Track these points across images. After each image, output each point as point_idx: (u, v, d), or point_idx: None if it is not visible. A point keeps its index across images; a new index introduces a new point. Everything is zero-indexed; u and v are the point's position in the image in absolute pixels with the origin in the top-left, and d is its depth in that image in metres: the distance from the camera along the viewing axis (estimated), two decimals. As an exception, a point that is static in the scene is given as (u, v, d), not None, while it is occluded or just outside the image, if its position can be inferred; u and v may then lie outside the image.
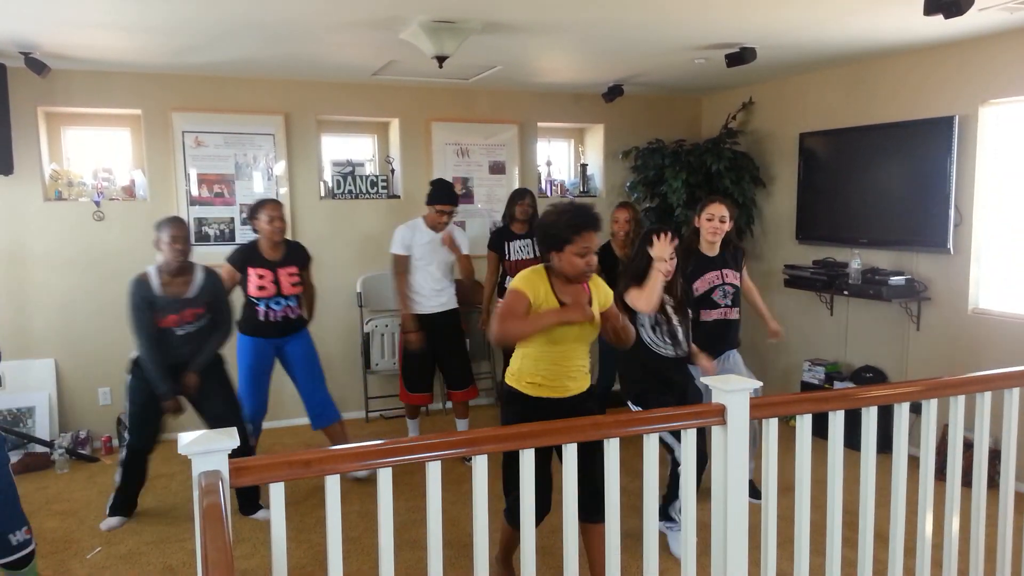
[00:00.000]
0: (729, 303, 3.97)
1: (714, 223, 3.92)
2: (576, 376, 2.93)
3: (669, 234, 3.43)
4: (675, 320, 3.61)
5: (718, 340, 3.95)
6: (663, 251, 3.38)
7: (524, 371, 2.91)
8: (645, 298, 3.38)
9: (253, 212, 4.20)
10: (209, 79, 5.20)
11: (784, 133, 5.71)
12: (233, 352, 4.23)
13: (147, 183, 5.18)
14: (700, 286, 3.94)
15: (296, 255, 4.32)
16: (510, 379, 2.97)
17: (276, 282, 4.19)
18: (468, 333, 5.31)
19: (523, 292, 2.80)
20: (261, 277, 4.16)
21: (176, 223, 3.75)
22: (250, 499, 3.85)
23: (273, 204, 4.19)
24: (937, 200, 4.53)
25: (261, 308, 4.20)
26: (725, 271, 3.97)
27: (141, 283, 3.70)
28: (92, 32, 3.92)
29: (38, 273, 4.94)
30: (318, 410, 4.41)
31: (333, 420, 4.44)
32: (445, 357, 4.84)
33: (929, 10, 3.34)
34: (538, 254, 5.08)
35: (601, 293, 2.95)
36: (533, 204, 5.13)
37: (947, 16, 3.32)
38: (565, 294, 2.85)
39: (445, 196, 4.67)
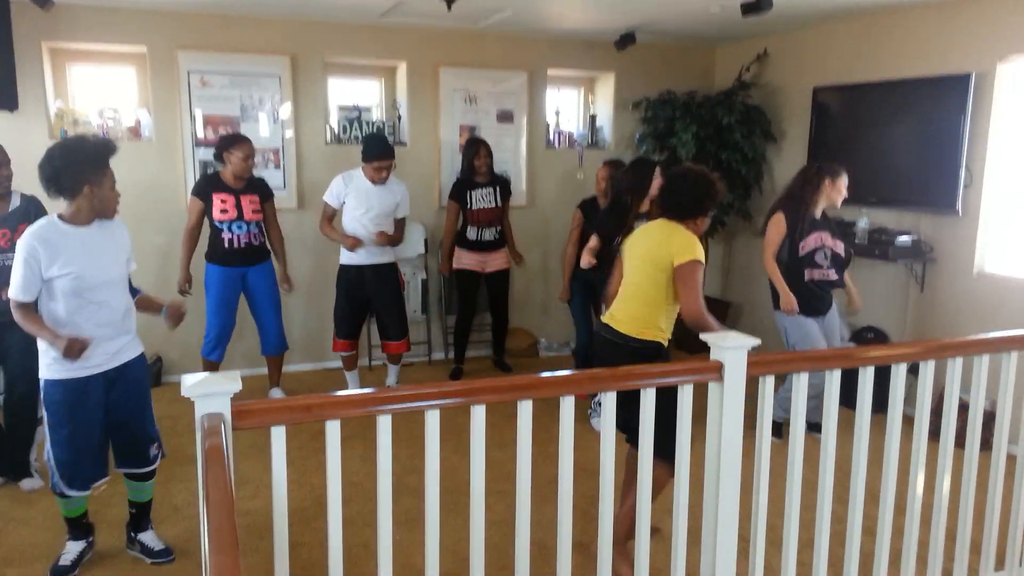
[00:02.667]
0: (829, 264, 4.17)
1: (839, 193, 4.17)
2: None
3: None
4: None
5: (821, 300, 4.21)
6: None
7: (664, 326, 3.01)
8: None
9: (226, 146, 4.43)
10: (216, 17, 5.12)
11: (798, 87, 5.62)
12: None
13: (152, 123, 5.14)
14: (805, 246, 4.13)
15: (257, 186, 4.61)
16: (652, 334, 2.99)
17: (238, 206, 4.48)
18: (406, 288, 5.42)
19: (703, 261, 2.92)
20: (224, 201, 4.47)
21: None
22: (20, 466, 3.71)
23: (248, 143, 4.48)
24: (948, 160, 4.47)
25: (225, 234, 4.49)
26: (826, 234, 4.17)
27: None
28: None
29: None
30: (271, 339, 4.82)
31: (281, 350, 4.90)
32: (381, 309, 4.87)
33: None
34: (498, 203, 5.26)
35: None
36: (489, 154, 5.24)
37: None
38: None
39: (382, 150, 4.59)
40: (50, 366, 2.82)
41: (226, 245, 4.52)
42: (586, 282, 4.92)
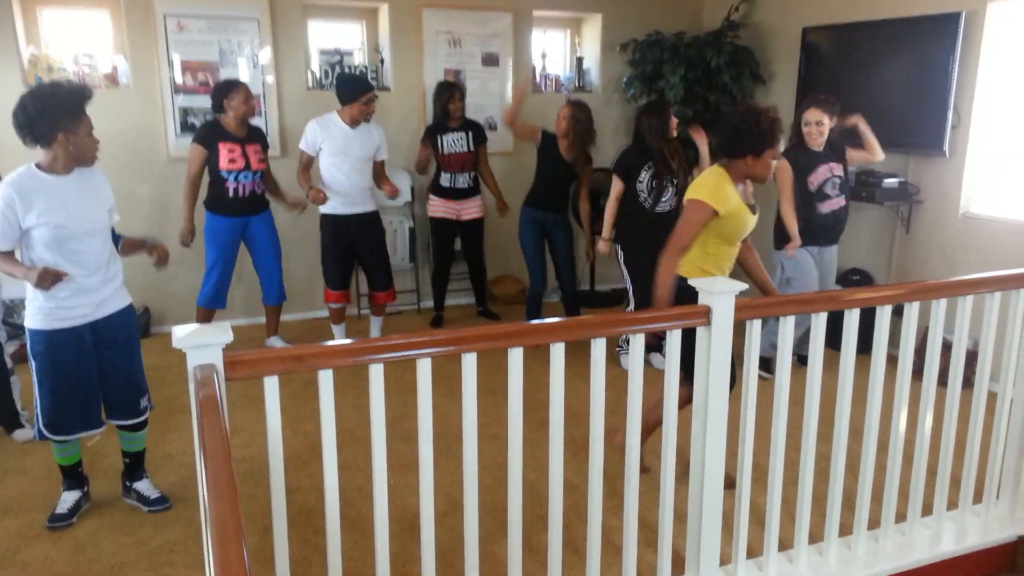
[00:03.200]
0: (838, 192, 4.27)
1: (810, 128, 4.20)
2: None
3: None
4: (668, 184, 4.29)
5: (833, 229, 4.38)
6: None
7: (708, 267, 3.01)
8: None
9: (225, 92, 4.39)
10: (190, -41, 4.96)
11: (787, 27, 5.55)
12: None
13: (130, 69, 5.02)
14: (814, 180, 4.22)
15: (258, 135, 4.60)
16: (696, 275, 2.93)
17: (245, 155, 4.46)
18: (393, 236, 5.52)
19: (707, 205, 2.88)
20: (231, 151, 4.41)
21: None
22: (9, 416, 3.74)
23: (245, 86, 4.44)
24: (936, 101, 4.46)
25: (231, 183, 4.45)
26: (832, 164, 4.26)
27: None
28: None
29: (19, 163, 4.84)
30: (272, 289, 4.83)
31: (280, 300, 4.90)
32: (367, 258, 4.85)
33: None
34: (471, 148, 5.26)
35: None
36: (462, 99, 5.19)
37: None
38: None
39: (367, 84, 4.52)
40: (34, 316, 2.82)
41: (230, 194, 4.46)
42: (538, 222, 4.97)
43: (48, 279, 2.68)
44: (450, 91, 5.15)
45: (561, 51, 6.48)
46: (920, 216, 4.74)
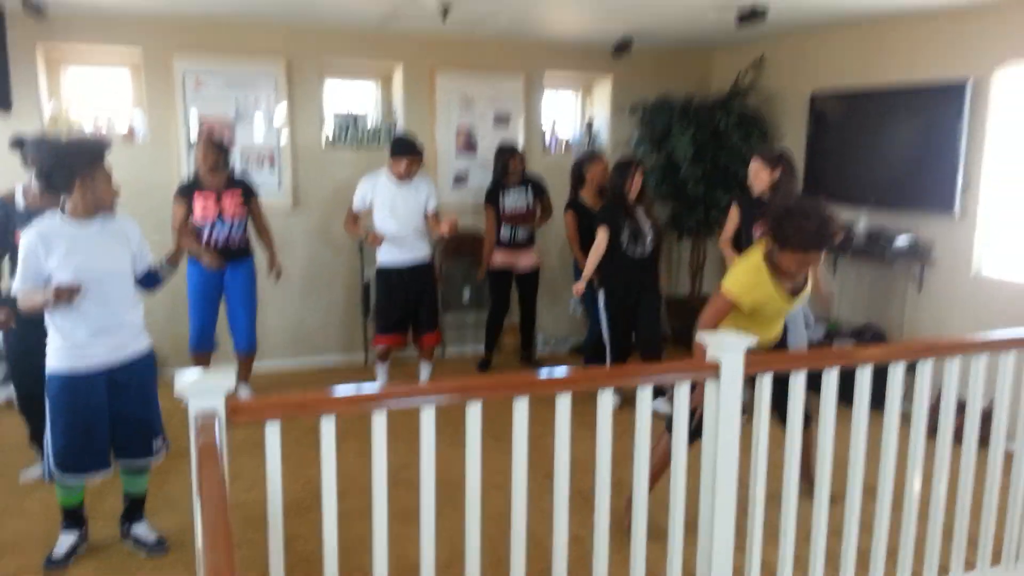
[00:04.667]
0: None
1: (751, 177, 4.19)
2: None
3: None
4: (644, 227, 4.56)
5: None
6: None
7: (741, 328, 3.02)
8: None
9: (196, 146, 4.57)
10: (211, 19, 5.10)
11: (795, 92, 5.63)
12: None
13: (147, 125, 5.13)
14: (758, 231, 4.17)
15: (239, 183, 4.68)
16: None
17: (219, 205, 4.53)
18: (443, 283, 5.65)
19: (730, 299, 2.91)
20: (205, 201, 4.52)
21: None
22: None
23: (206, 136, 4.55)
24: (946, 163, 4.48)
25: (205, 233, 4.54)
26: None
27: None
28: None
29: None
30: (242, 337, 4.82)
31: (250, 350, 4.88)
32: (419, 305, 4.99)
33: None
34: (530, 204, 5.45)
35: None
36: (523, 160, 5.46)
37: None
38: (784, 277, 2.94)
39: (404, 148, 4.74)
40: (52, 356, 2.87)
41: (206, 244, 4.54)
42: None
43: (64, 294, 2.72)
44: (511, 152, 5.43)
45: (572, 112, 6.59)
46: (932, 276, 4.71)
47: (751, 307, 2.94)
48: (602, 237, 4.53)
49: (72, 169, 2.76)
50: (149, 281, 3.14)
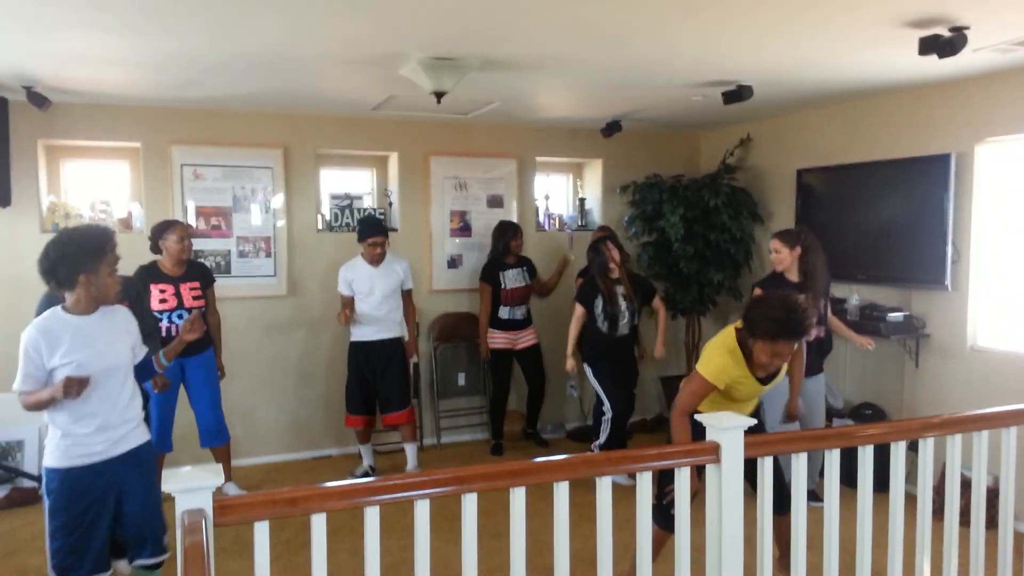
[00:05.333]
0: (816, 323, 4.21)
1: (772, 255, 4.34)
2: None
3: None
4: (622, 307, 4.78)
5: (816, 359, 4.38)
6: None
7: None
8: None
9: (160, 233, 4.43)
10: (208, 112, 5.23)
11: (782, 169, 5.74)
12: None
13: (144, 215, 5.19)
14: None
15: (198, 272, 4.60)
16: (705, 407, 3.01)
17: (178, 295, 4.45)
18: (415, 358, 5.47)
19: (707, 381, 2.93)
20: (163, 291, 4.42)
21: None
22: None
23: (183, 226, 4.50)
24: (935, 237, 4.53)
25: (164, 324, 4.39)
26: (808, 295, 4.16)
27: None
28: (92, 66, 3.95)
29: (34, 305, 4.91)
30: (211, 430, 4.66)
31: (224, 441, 4.72)
32: (380, 380, 4.97)
33: (924, 51, 3.36)
34: (528, 283, 5.53)
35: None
36: (522, 237, 5.61)
37: (941, 56, 3.34)
38: (758, 367, 2.94)
39: (372, 229, 4.91)
40: (51, 453, 2.81)
41: (163, 334, 4.33)
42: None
43: (74, 385, 2.67)
44: (513, 230, 5.56)
45: (564, 192, 6.69)
46: (928, 349, 4.70)
47: (725, 385, 2.96)
48: (579, 313, 4.87)
49: (75, 264, 2.73)
50: (140, 373, 3.08)
